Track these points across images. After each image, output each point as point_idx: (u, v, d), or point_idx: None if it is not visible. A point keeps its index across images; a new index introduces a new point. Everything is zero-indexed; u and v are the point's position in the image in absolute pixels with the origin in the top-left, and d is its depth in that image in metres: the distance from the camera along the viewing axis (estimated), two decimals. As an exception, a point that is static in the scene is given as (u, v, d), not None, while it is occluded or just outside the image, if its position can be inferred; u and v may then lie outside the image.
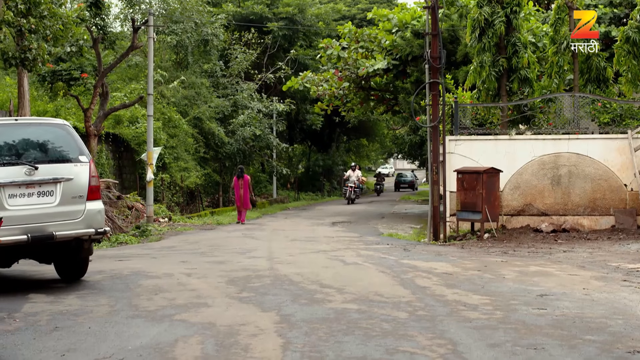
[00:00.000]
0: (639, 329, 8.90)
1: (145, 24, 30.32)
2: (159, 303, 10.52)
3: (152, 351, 7.70)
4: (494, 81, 24.40)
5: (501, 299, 11.03)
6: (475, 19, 24.45)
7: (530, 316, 9.70)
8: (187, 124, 37.61)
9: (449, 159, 22.93)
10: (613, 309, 10.20)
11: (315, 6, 55.93)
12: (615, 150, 22.85)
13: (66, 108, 32.41)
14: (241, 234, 24.33)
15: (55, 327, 8.83)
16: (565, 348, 7.96)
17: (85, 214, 11.89)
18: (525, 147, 23.20)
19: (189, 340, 8.20)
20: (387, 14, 34.33)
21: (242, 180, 31.30)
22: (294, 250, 18.41)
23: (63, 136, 12.22)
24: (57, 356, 7.47)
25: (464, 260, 16.36)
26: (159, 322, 9.16)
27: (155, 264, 15.32)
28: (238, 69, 44.82)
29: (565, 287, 12.25)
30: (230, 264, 15.39)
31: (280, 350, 7.77)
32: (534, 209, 22.92)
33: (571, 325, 9.11)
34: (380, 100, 39.22)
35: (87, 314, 9.64)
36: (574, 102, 23.97)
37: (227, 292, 11.59)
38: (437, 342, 8.19)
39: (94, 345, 7.92)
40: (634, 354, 7.67)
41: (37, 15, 20.28)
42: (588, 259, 16.38)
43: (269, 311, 9.94)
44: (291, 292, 11.59)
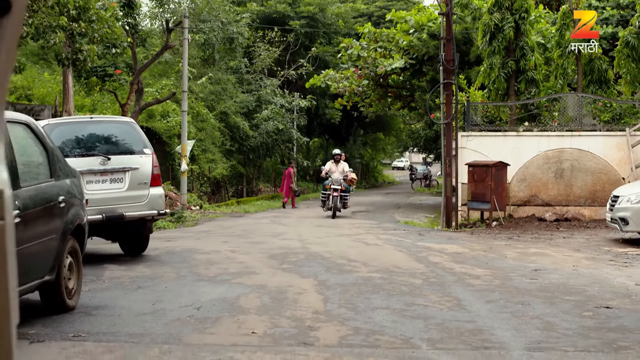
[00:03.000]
0: (609, 293, 10.97)
1: (178, 25, 32.37)
2: (215, 271, 12.67)
3: (221, 302, 9.82)
4: (503, 82, 26.41)
5: (501, 272, 13.13)
6: (486, 24, 26.48)
7: (522, 283, 11.80)
8: (214, 118, 39.71)
9: (461, 153, 24.87)
10: (593, 280, 12.27)
11: (335, 5, 57.98)
12: (614, 146, 24.76)
13: (102, 102, 34.53)
14: (269, 221, 26.43)
15: (138, 287, 10.97)
16: (547, 304, 10.05)
17: (149, 198, 14.10)
18: (531, 142, 25.14)
19: (249, 296, 10.33)
20: (405, 15, 36.37)
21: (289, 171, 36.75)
22: (321, 234, 20.52)
23: (130, 132, 14.44)
24: (148, 304, 9.58)
25: (472, 243, 18.45)
26: (220, 284, 11.30)
27: (200, 243, 17.43)
28: (262, 66, 47.00)
29: (558, 264, 14.32)
30: (266, 244, 17.52)
31: (321, 303, 9.90)
32: (539, 200, 24.88)
33: (555, 290, 11.20)
34: (397, 97, 41.25)
35: (159, 278, 11.78)
36: (577, 102, 25.97)
37: (269, 264, 13.75)
38: (445, 299, 10.30)
39: (174, 299, 10.04)
40: (600, 308, 9.74)
41: (86, 19, 22.32)
42: (584, 244, 18.39)
43: (307, 278, 12.09)
44: (323, 264, 13.73)
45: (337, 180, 27.84)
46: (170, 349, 7.29)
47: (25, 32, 20.05)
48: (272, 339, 7.79)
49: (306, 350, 7.35)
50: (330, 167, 28.86)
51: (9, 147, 7.80)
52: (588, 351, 7.52)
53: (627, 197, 17.98)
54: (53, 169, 8.85)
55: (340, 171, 28.57)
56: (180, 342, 7.60)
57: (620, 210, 17.93)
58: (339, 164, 28.90)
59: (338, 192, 27.67)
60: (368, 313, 9.24)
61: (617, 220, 18.15)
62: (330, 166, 28.91)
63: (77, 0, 21.58)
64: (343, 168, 28.78)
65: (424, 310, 9.47)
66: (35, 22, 20.12)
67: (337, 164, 28.87)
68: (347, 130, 68.14)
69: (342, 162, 29.08)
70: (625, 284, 11.91)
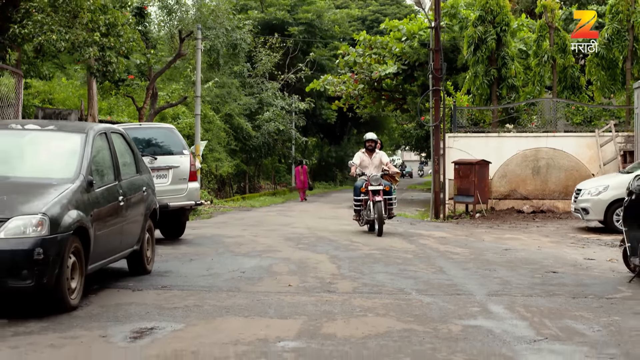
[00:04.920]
0: (560, 264, 13.98)
1: (190, 35, 35.21)
2: (245, 249, 15.65)
3: (259, 269, 12.81)
4: (486, 88, 29.40)
5: (477, 250, 16.16)
6: (471, 36, 29.47)
7: (493, 258, 14.82)
8: (220, 120, 42.60)
9: (448, 153, 27.74)
10: (551, 256, 15.29)
11: (332, 11, 61.02)
12: (585, 146, 27.70)
13: (118, 106, 37.41)
14: (276, 213, 29.37)
15: (190, 259, 13.93)
16: (508, 270, 13.06)
17: (188, 191, 17.13)
18: (511, 142, 28.05)
19: (278, 265, 13.33)
20: (398, 24, 39.29)
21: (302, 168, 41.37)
22: (325, 224, 23.48)
23: (170, 136, 17.49)
24: (204, 270, 12.54)
25: (456, 230, 21.47)
26: (253, 258, 14.29)
27: (223, 231, 20.35)
28: (263, 70, 49.97)
29: (526, 245, 17.35)
30: (280, 230, 20.50)
31: (336, 268, 12.92)
32: (518, 194, 27.82)
33: (517, 262, 14.23)
34: (390, 99, 44.27)
35: (203, 254, 14.73)
36: (552, 106, 29.00)
37: (287, 244, 16.76)
38: (430, 267, 13.32)
39: (222, 267, 13.00)
40: (548, 273, 12.74)
41: (114, 34, 25.16)
42: (553, 231, 21.41)
43: (321, 253, 15.11)
44: (332, 245, 16.76)
45: (376, 178, 19.23)
46: (234, 294, 10.26)
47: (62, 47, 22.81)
48: (304, 289, 10.81)
49: (330, 295, 10.34)
50: (362, 159, 20.20)
51: (112, 151, 10.80)
52: (530, 296, 10.53)
53: (588, 190, 20.97)
54: (137, 166, 11.84)
55: (376, 165, 20.01)
56: (239, 290, 10.59)
57: (582, 202, 20.95)
58: (374, 155, 20.22)
59: (381, 194, 18.99)
60: (372, 275, 12.26)
61: (579, 210, 21.18)
62: (362, 158, 20.23)
63: (107, 18, 24.41)
64: (380, 159, 20.11)
65: (414, 274, 12.47)
66: (72, 37, 22.89)
67: (371, 155, 20.22)
68: (341, 129, 71.03)
69: (379, 152, 20.42)
70: (576, 258, 14.92)
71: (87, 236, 9.22)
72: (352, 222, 21.23)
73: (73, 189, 9.14)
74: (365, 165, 20.09)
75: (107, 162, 10.55)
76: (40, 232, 8.34)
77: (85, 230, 9.13)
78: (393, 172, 20.14)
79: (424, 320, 8.75)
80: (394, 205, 19.93)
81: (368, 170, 19.93)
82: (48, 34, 20.58)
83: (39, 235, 8.33)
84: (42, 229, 8.36)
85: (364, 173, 19.78)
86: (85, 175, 9.51)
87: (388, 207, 19.46)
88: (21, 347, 7.26)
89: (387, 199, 19.30)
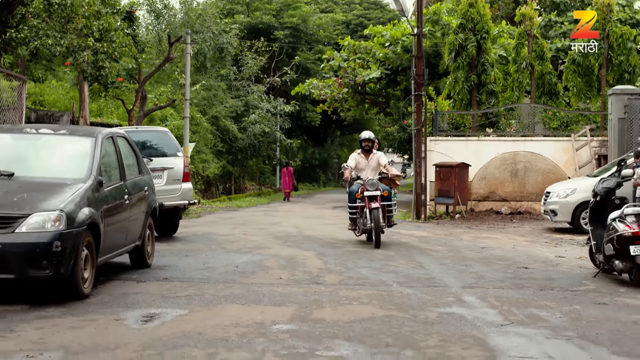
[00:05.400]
0: (532, 261, 14.97)
1: (179, 39, 36.05)
2: (237, 246, 16.58)
3: (251, 263, 13.74)
4: (467, 93, 30.39)
5: (455, 248, 17.14)
6: (452, 43, 30.45)
7: (469, 255, 15.81)
8: (207, 122, 43.48)
9: (429, 156, 28.64)
10: (525, 254, 16.28)
11: (317, 15, 62.03)
12: (562, 149, 28.71)
13: (107, 108, 38.23)
14: (263, 213, 30.29)
15: (186, 255, 14.85)
16: (483, 266, 14.04)
17: (181, 191, 18.07)
18: (490, 146, 29.02)
19: (269, 260, 14.27)
20: (381, 30, 40.21)
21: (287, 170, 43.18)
22: (311, 223, 24.41)
23: (165, 138, 18.42)
24: (200, 264, 13.46)
25: (436, 230, 22.44)
26: (245, 254, 15.22)
27: (214, 229, 21.26)
28: (249, 73, 50.91)
29: (502, 244, 18.34)
30: (268, 229, 21.43)
31: (322, 263, 13.89)
32: (496, 196, 28.80)
33: (492, 258, 15.22)
34: (374, 103, 45.21)
35: (197, 251, 15.65)
36: (530, 111, 30.03)
37: (276, 242, 17.72)
38: (411, 263, 14.30)
39: (217, 262, 13.92)
40: (520, 268, 13.73)
41: (107, 39, 26.00)
42: (529, 232, 22.40)
43: (308, 250, 16.08)
44: (318, 242, 17.75)
45: (372, 183, 17.11)
46: (230, 285, 11.19)
47: (58, 52, 23.61)
48: (294, 281, 11.76)
49: (318, 286, 11.29)
50: (358, 161, 18.15)
51: (118, 153, 11.72)
52: (501, 288, 11.50)
53: (557, 193, 22.00)
54: (139, 167, 12.76)
55: (373, 167, 18.06)
56: (234, 282, 11.52)
57: (551, 204, 21.99)
58: (371, 156, 18.23)
59: (378, 201, 16.96)
60: (356, 269, 13.24)
61: (548, 212, 22.21)
62: (358, 160, 18.17)
63: (101, 23, 25.25)
64: (378, 161, 18.14)
65: (395, 268, 13.44)
66: (67, 42, 23.71)
67: (367, 156, 18.19)
68: (325, 131, 71.95)
69: (376, 153, 18.45)
70: (547, 256, 15.91)
71: (98, 231, 10.15)
72: (336, 222, 22.17)
73: (85, 188, 10.05)
74: (361, 168, 17.92)
75: (114, 164, 11.47)
76: (58, 227, 9.25)
77: (96, 225, 10.06)
78: (392, 175, 17.79)
79: (404, 308, 9.70)
80: (394, 213, 18.13)
81: (364, 173, 17.76)
82: (44, 38, 21.32)
83: (57, 230, 9.24)
84: (60, 224, 9.27)
85: (359, 177, 17.55)
86: (96, 176, 10.43)
87: (387, 215, 17.45)
88: (45, 329, 8.15)
89: (385, 205, 17.20)
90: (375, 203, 16.76)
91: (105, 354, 7.16)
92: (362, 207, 17.19)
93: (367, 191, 16.95)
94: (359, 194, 17.20)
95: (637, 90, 26.15)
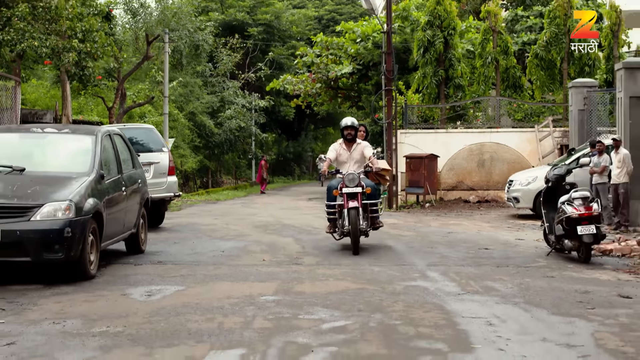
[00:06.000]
0: (493, 243, 16.34)
1: (157, 38, 37.15)
2: (220, 234, 17.87)
3: (236, 248, 15.02)
4: (435, 87, 31.78)
5: (423, 233, 18.50)
6: (421, 39, 31.84)
7: (436, 238, 17.17)
8: (184, 118, 44.63)
9: (400, 148, 29.96)
10: (486, 237, 17.65)
11: (289, 12, 63.38)
12: (526, 140, 30.14)
13: (87, 105, 39.28)
14: (241, 205, 31.54)
15: (175, 242, 16.10)
16: (447, 247, 15.39)
17: (167, 184, 19.31)
18: (458, 138, 30.43)
19: (252, 245, 15.57)
20: (353, 27, 41.44)
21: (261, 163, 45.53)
22: (287, 214, 25.71)
23: (151, 135, 19.66)
24: (189, 250, 14.72)
25: (407, 218, 23.79)
26: (229, 240, 16.51)
27: (197, 219, 22.50)
28: (224, 70, 52.16)
29: (467, 229, 19.71)
30: (248, 219, 22.71)
31: (301, 248, 15.21)
32: (465, 185, 30.19)
33: (457, 241, 16.58)
34: (346, 97, 46.44)
35: (184, 239, 16.89)
36: (496, 104, 31.47)
37: (257, 230, 19.03)
38: (382, 246, 15.60)
39: (204, 248, 15.18)
40: (481, 249, 15.09)
41: (90, 40, 27.07)
42: (494, 218, 23.80)
43: (287, 237, 17.39)
44: (296, 230, 19.06)
45: (352, 178, 14.59)
46: (219, 267, 12.46)
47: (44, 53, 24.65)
48: (276, 262, 13.07)
49: (297, 267, 12.59)
50: (339, 152, 15.46)
51: (115, 149, 12.96)
52: (462, 266, 12.84)
53: (519, 181, 23.37)
54: (133, 162, 14.01)
55: (357, 159, 15.32)
56: (222, 264, 12.79)
57: (514, 192, 23.37)
58: (355, 146, 15.43)
59: (358, 199, 14.49)
60: (332, 253, 14.55)
61: (511, 199, 23.59)
62: (339, 151, 15.47)
63: (84, 25, 26.33)
64: (362, 152, 15.31)
65: (367, 251, 14.75)
66: (52, 44, 24.77)
67: (350, 146, 15.42)
68: (299, 125, 73.15)
69: (361, 143, 15.59)
70: (507, 239, 17.29)
71: (101, 219, 11.39)
72: (312, 212, 23.45)
73: (89, 181, 11.28)
74: (342, 161, 15.32)
75: (112, 159, 12.71)
76: (68, 215, 10.48)
77: (100, 214, 11.30)
78: (378, 169, 15.22)
79: (374, 283, 11.00)
80: (380, 213, 15.66)
81: (346, 167, 15.15)
82: (30, 40, 22.36)
83: (67, 218, 10.46)
84: (70, 213, 10.50)
85: (338, 171, 15.01)
86: (98, 170, 11.67)
87: (371, 216, 14.88)
88: (63, 302, 9.38)
89: (368, 204, 14.75)
90: (354, 202, 14.32)
91: (119, 320, 8.39)
92: (341, 205, 14.68)
93: (346, 187, 14.47)
94: (338, 191, 14.75)
95: (595, 83, 27.64)
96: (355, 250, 14.25)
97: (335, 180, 15.09)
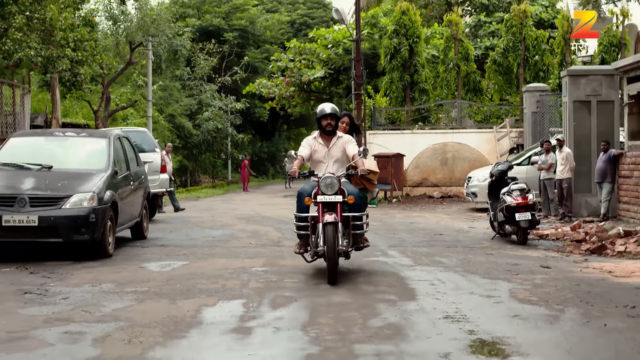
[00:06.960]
0: (448, 230, 18.79)
1: (139, 45, 39.31)
2: (209, 225, 20.22)
3: (225, 235, 17.39)
4: (401, 91, 34.24)
5: (388, 223, 20.92)
6: (387, 47, 34.29)
7: (399, 227, 19.60)
8: (164, 120, 46.86)
9: (369, 148, 32.11)
10: (443, 226, 20.09)
11: (263, 17, 65.81)
12: (485, 140, 32.62)
13: (73, 108, 41.38)
14: (221, 202, 33.84)
15: (170, 231, 18.43)
16: (408, 233, 17.83)
17: (160, 181, 21.62)
18: (422, 138, 32.84)
19: (238, 233, 17.94)
20: (324, 33, 43.82)
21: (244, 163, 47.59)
22: (266, 208, 28.08)
23: (144, 137, 21.99)
24: (184, 236, 17.06)
25: (374, 211, 26.10)
26: (217, 229, 18.87)
27: (184, 213, 24.74)
28: (201, 73, 54.52)
29: (428, 220, 22.15)
30: (231, 213, 25.07)
31: (281, 235, 17.60)
32: (429, 182, 32.63)
33: (417, 229, 19.02)
34: (318, 100, 48.49)
35: (178, 228, 19.23)
36: (457, 106, 33.96)
37: (240, 221, 21.42)
38: (351, 233, 17.99)
39: (197, 235, 17.52)
40: (436, 235, 17.55)
41: (81, 48, 29.20)
42: (454, 211, 26.24)
43: (268, 226, 19.79)
44: (275, 221, 21.46)
45: (329, 182, 10.88)
46: (214, 248, 14.82)
47: (39, 62, 26.74)
48: (261, 245, 15.47)
49: (279, 248, 14.98)
50: (314, 148, 11.66)
51: (124, 149, 15.28)
52: (417, 247, 15.26)
53: (477, 177, 25.77)
54: (137, 161, 16.33)
55: (337, 157, 11.57)
56: (216, 246, 15.15)
57: (472, 187, 25.77)
58: (334, 141, 11.61)
59: (338, 211, 10.83)
60: (308, 237, 16.92)
61: (470, 194, 26.00)
62: (314, 147, 11.67)
63: (76, 35, 28.47)
64: (344, 149, 11.53)
65: (338, 237, 17.12)
66: (47, 53, 26.86)
67: (328, 141, 11.61)
68: (273, 126, 75.38)
69: (342, 136, 11.69)
70: (461, 227, 19.74)
71: (117, 208, 13.72)
72: (288, 207, 25.59)
73: (107, 176, 13.60)
74: (318, 159, 11.64)
75: (122, 158, 15.03)
76: (92, 204, 12.78)
77: (116, 204, 13.63)
78: (364, 171, 11.30)
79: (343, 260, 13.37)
80: (365, 229, 11.52)
81: (323, 167, 11.52)
82: (26, 50, 24.44)
83: (92, 206, 12.77)
84: (93, 202, 12.80)
85: (313, 172, 11.41)
86: (112, 167, 13.98)
87: (353, 232, 11.24)
88: (94, 273, 11.68)
89: (350, 217, 11.08)
90: (332, 215, 10.72)
91: (143, 283, 10.70)
92: (315, 218, 11.10)
93: (321, 195, 10.87)
94: (310, 199, 11.15)
95: (547, 88, 30.12)
96: (332, 279, 10.72)
97: (309, 185, 11.55)
